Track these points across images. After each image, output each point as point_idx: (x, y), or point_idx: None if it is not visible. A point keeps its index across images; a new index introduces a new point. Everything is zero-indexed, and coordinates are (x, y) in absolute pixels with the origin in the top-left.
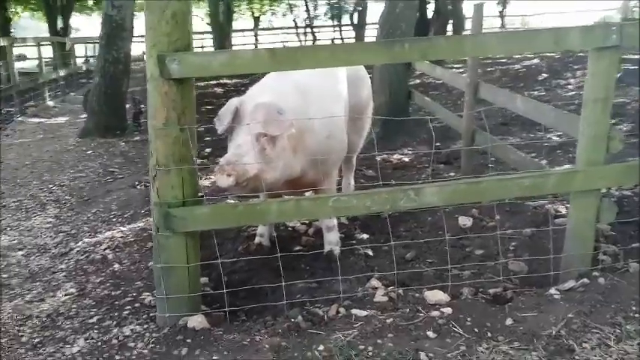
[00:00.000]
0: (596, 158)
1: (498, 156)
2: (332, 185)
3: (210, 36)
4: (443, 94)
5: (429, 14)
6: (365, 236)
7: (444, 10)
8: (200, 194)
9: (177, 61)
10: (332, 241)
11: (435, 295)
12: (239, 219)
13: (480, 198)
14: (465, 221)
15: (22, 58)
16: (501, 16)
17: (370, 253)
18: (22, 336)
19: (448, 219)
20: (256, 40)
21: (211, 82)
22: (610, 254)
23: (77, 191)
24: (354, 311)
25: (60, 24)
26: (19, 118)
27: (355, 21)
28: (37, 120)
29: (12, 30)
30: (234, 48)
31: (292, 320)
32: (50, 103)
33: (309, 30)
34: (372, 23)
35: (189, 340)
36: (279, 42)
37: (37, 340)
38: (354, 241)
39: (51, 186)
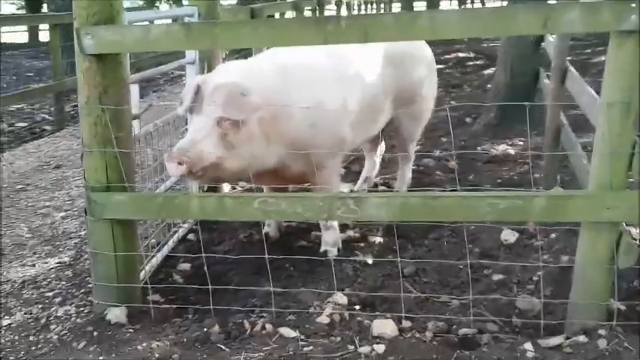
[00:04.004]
0: (613, 182)
1: (572, 162)
2: (329, 181)
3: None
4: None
5: None
6: (379, 240)
7: None
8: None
9: (91, 36)
10: (328, 241)
11: (382, 327)
12: (159, 211)
13: (436, 217)
14: (508, 236)
15: None
16: None
17: (369, 261)
18: None
19: (492, 231)
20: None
21: None
22: None
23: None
24: (282, 330)
25: None
26: None
27: None
28: None
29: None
30: None
31: (205, 330)
32: None
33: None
34: None
35: (95, 334)
36: None
37: None
38: (362, 244)
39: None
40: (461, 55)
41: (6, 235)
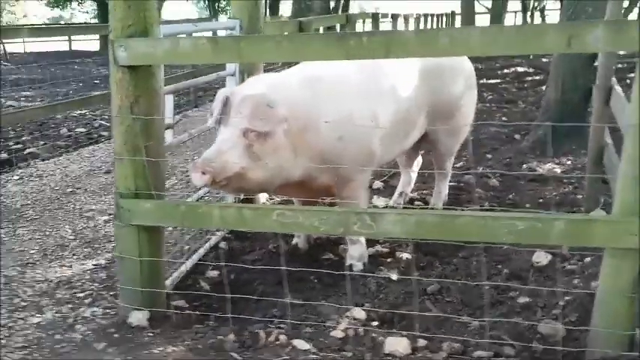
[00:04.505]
0: (638, 207)
1: (611, 184)
2: (356, 196)
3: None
4: None
5: None
6: (406, 256)
7: None
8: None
9: (124, 48)
10: (354, 255)
11: (395, 344)
12: (182, 219)
13: (452, 236)
14: (540, 258)
15: None
16: None
17: (394, 277)
18: (17, 298)
19: (524, 252)
20: (525, 21)
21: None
22: None
23: None
24: (296, 342)
25: None
26: None
27: None
28: None
29: None
30: None
31: (219, 337)
32: None
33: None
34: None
35: (116, 336)
36: None
37: (23, 304)
38: (389, 260)
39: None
40: (520, 69)
41: (51, 235)
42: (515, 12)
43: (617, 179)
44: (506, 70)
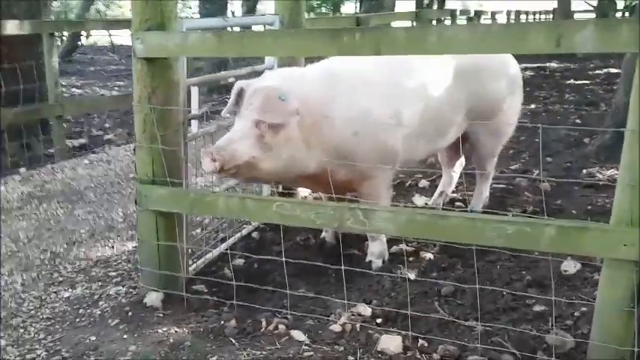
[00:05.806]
0: (633, 217)
1: None
2: (377, 193)
3: None
4: None
5: None
6: (429, 256)
7: None
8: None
9: (140, 41)
10: (374, 252)
11: (388, 342)
12: (191, 207)
13: (441, 236)
14: (568, 267)
15: None
16: None
17: (411, 276)
18: (56, 272)
19: (554, 260)
20: None
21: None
22: None
23: None
24: (293, 332)
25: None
26: None
27: None
28: None
29: None
30: None
31: (221, 322)
32: None
33: None
34: None
35: (130, 314)
36: None
37: (60, 279)
38: (411, 259)
39: None
40: (613, 71)
41: (103, 217)
42: (623, 11)
43: (616, 188)
44: (598, 71)
